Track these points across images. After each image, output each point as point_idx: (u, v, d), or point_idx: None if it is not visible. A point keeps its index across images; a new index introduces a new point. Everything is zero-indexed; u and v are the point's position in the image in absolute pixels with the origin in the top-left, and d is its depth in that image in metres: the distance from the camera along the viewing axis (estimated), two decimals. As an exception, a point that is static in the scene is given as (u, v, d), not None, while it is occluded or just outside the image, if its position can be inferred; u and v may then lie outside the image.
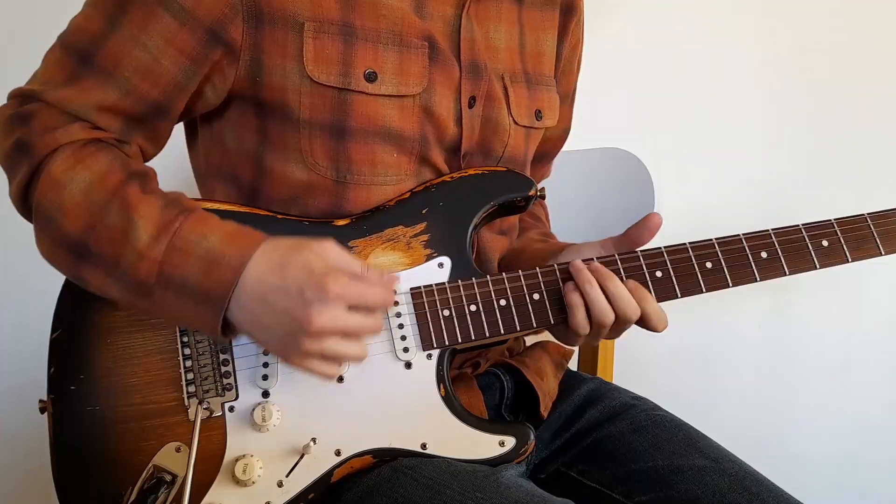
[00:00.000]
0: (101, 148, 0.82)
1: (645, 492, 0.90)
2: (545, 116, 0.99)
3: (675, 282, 0.88)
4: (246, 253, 0.76)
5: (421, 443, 0.84)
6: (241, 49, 0.83)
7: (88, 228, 0.78)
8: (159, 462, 0.83)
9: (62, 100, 0.81)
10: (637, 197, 1.20)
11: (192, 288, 0.76)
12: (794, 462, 1.66)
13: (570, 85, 1.10)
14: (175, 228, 0.77)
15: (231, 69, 0.84)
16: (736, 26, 1.60)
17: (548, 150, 1.11)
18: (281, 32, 0.83)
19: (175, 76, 0.83)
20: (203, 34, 0.82)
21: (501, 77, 0.94)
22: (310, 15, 0.83)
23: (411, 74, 0.86)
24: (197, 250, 0.76)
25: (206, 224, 0.78)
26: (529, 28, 0.98)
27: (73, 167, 0.79)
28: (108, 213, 0.78)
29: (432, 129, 0.89)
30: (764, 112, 1.61)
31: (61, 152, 0.80)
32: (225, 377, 0.84)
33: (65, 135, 0.80)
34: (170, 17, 0.81)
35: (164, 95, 0.83)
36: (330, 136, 0.85)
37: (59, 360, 0.85)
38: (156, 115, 0.85)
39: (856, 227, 0.91)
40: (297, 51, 0.83)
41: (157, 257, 0.76)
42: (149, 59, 0.82)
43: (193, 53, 0.82)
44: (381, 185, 0.88)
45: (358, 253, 0.87)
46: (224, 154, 0.90)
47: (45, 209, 0.79)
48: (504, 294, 0.87)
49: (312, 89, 0.84)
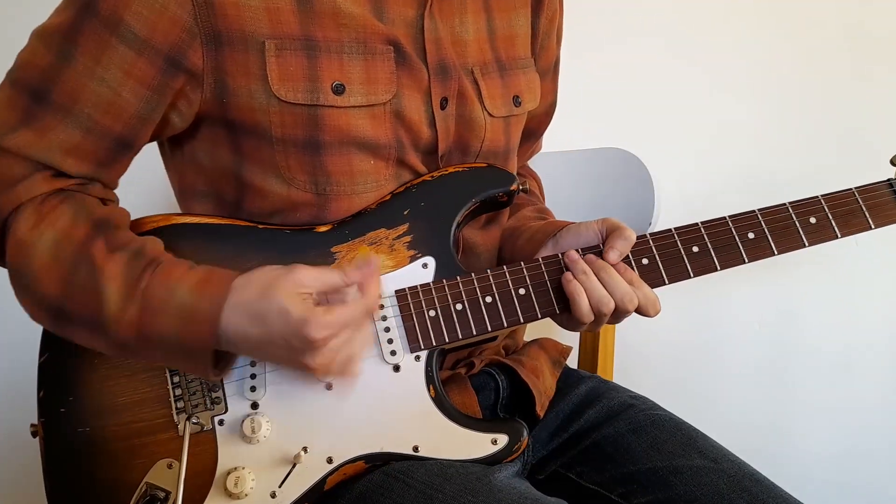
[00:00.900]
0: (64, 199, 0.81)
1: (644, 493, 0.88)
2: (524, 100, 0.98)
3: (662, 268, 0.87)
4: (216, 302, 0.75)
5: (413, 445, 0.83)
6: (204, 73, 0.81)
7: (62, 292, 0.78)
8: (152, 479, 0.82)
9: (22, 145, 0.79)
10: (637, 197, 1.19)
11: (174, 345, 0.76)
12: (794, 461, 1.64)
13: (551, 59, 1.07)
14: (143, 287, 0.77)
15: (196, 94, 0.82)
16: (735, 26, 1.59)
17: (534, 127, 1.09)
18: (241, 54, 0.81)
19: (137, 108, 0.81)
20: (162, 62, 0.79)
21: (472, 71, 0.92)
22: (269, 32, 0.81)
23: (379, 82, 0.85)
24: (168, 308, 0.76)
25: (171, 276, 0.77)
26: (498, 11, 0.96)
27: (36, 226, 0.78)
28: (77, 274, 0.77)
29: (406, 134, 0.88)
30: (764, 112, 1.59)
31: (23, 210, 0.79)
32: (213, 391, 0.84)
33: (25, 191, 0.79)
34: (125, 47, 0.78)
35: (128, 129, 0.82)
36: (305, 152, 0.84)
37: (48, 384, 0.85)
38: (120, 151, 0.83)
39: (843, 201, 0.90)
40: (260, 70, 0.81)
41: (133, 319, 0.76)
42: (108, 92, 0.79)
43: (154, 83, 0.80)
44: (361, 193, 0.87)
45: (341, 258, 0.86)
46: (200, 172, 0.89)
47: (17, 274, 0.79)
48: (489, 291, 0.86)
49: (281, 108, 0.82)
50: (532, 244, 0.95)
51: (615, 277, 0.84)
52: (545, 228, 0.96)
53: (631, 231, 0.87)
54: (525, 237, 0.97)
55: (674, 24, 1.59)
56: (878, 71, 1.58)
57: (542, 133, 1.14)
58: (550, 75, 1.08)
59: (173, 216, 0.86)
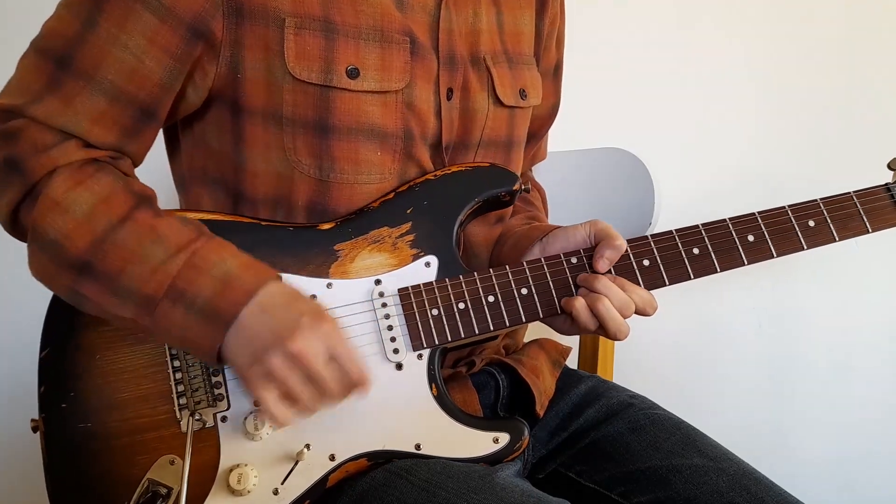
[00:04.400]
0: (100, 168, 0.81)
1: (643, 492, 0.89)
2: (529, 95, 0.99)
3: (663, 269, 0.88)
4: (261, 279, 0.77)
5: (415, 443, 0.83)
6: (222, 45, 0.82)
7: (92, 248, 0.77)
8: (154, 476, 0.82)
9: (49, 114, 0.79)
10: (637, 197, 1.20)
11: (202, 305, 0.76)
12: (794, 460, 1.65)
13: (551, 61, 1.09)
14: (195, 248, 0.78)
15: (211, 66, 0.83)
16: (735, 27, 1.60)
17: (536, 128, 1.10)
18: (261, 28, 0.82)
19: (161, 76, 0.81)
20: (185, 31, 0.80)
21: (483, 59, 0.93)
22: (291, 10, 0.82)
23: (393, 70, 0.86)
24: (214, 270, 0.77)
25: (225, 249, 0.79)
26: (507, 8, 0.98)
27: (73, 188, 0.78)
28: (117, 234, 0.77)
29: (415, 124, 0.88)
30: (764, 111, 1.60)
31: (59, 174, 0.78)
32: (216, 387, 0.84)
33: (61, 155, 0.79)
34: (149, 14, 0.79)
35: (151, 97, 0.82)
36: (313, 134, 0.85)
37: (48, 379, 0.84)
38: (144, 120, 0.83)
39: (841, 205, 0.91)
40: (278, 46, 0.82)
41: (172, 271, 0.76)
42: (132, 59, 0.80)
43: (177, 52, 0.81)
44: (364, 183, 0.87)
45: (344, 256, 0.86)
46: (209, 155, 0.89)
47: (44, 230, 0.78)
48: (492, 290, 0.87)
49: (294, 86, 0.83)
50: (516, 250, 0.95)
51: (612, 289, 0.85)
52: (529, 234, 0.97)
53: (621, 239, 0.88)
54: (510, 243, 0.98)
55: (674, 25, 1.60)
56: (877, 74, 1.59)
57: (543, 135, 1.15)
58: (551, 78, 1.10)
59: (176, 212, 0.86)
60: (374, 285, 0.86)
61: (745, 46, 1.60)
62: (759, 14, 1.59)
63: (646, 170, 1.19)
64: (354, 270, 0.86)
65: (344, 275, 0.86)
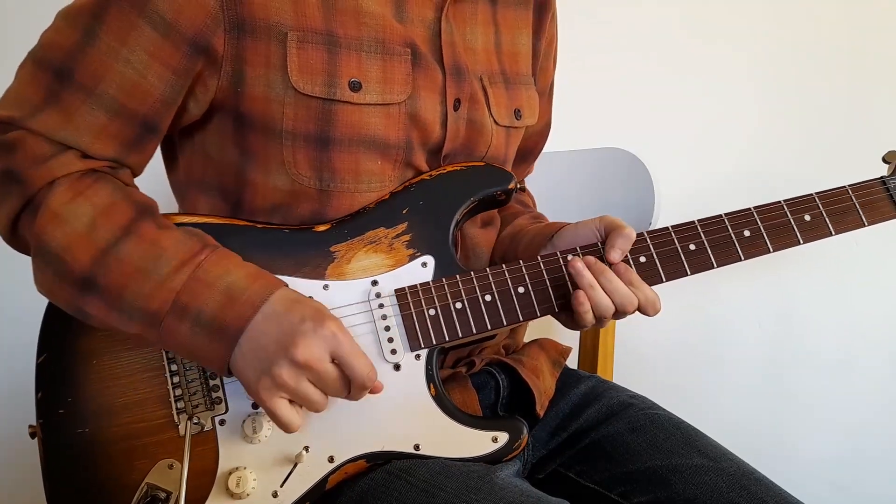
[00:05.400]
0: (99, 178, 0.80)
1: (643, 492, 0.89)
2: (525, 115, 0.99)
3: (660, 266, 0.88)
4: (266, 290, 0.77)
5: (414, 444, 0.83)
6: (223, 60, 0.81)
7: (94, 262, 0.77)
8: (152, 480, 0.82)
9: (50, 128, 0.79)
10: (637, 196, 1.20)
11: (208, 319, 0.76)
12: (794, 460, 1.64)
13: (548, 80, 1.10)
14: (200, 261, 0.77)
15: (213, 80, 0.83)
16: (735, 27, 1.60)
17: (530, 147, 1.11)
18: (263, 43, 0.81)
19: (162, 92, 0.81)
20: (186, 47, 0.80)
21: (480, 78, 0.93)
22: (293, 24, 0.82)
23: (395, 82, 0.86)
24: (219, 284, 0.77)
25: (230, 260, 0.79)
26: (505, 28, 0.98)
27: (73, 200, 0.78)
28: (120, 248, 0.77)
29: (418, 135, 0.88)
30: (764, 111, 1.60)
31: (59, 185, 0.78)
32: (213, 391, 0.84)
33: (59, 166, 0.78)
34: (151, 29, 0.79)
35: (153, 112, 0.82)
36: (314, 147, 0.84)
37: (46, 385, 0.84)
38: (145, 134, 0.83)
39: (837, 199, 0.91)
40: (280, 61, 0.82)
41: (176, 286, 0.76)
42: (133, 74, 0.79)
43: (178, 67, 0.80)
44: (364, 192, 0.87)
45: (340, 257, 0.86)
46: (208, 164, 0.89)
47: (46, 244, 0.77)
48: (489, 289, 0.86)
49: (297, 100, 0.82)
50: (532, 248, 0.95)
51: (614, 282, 0.85)
52: (543, 231, 0.97)
53: (631, 229, 0.87)
54: (525, 242, 0.98)
55: (674, 25, 1.60)
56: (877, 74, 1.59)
57: (536, 154, 1.15)
58: (546, 96, 1.10)
59: (173, 216, 0.86)
60: (370, 286, 0.86)
61: (745, 46, 1.60)
62: (759, 14, 1.60)
63: (646, 169, 1.19)
64: (351, 271, 0.86)
65: (341, 276, 0.86)
